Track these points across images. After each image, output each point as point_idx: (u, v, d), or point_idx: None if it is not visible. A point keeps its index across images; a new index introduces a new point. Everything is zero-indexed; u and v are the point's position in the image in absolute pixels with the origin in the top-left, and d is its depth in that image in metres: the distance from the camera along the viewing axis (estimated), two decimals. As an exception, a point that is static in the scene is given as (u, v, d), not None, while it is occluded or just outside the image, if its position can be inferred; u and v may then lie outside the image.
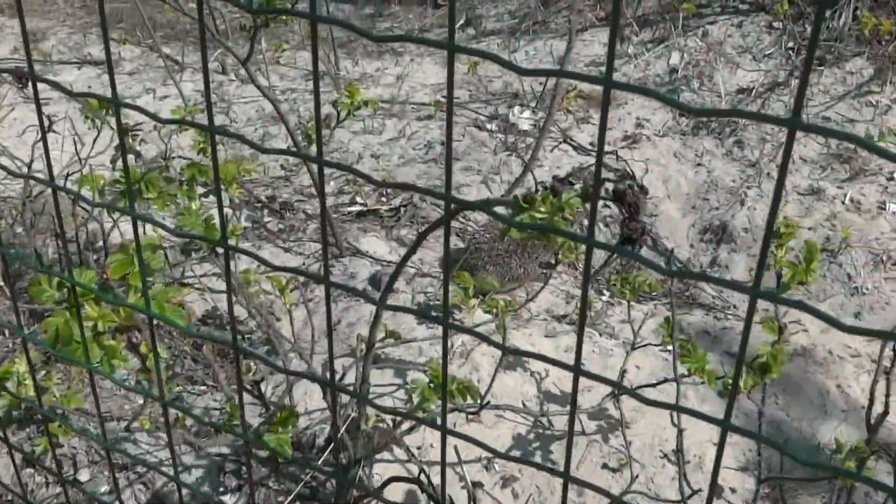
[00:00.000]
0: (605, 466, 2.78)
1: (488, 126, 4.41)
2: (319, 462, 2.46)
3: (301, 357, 2.48)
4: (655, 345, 2.92)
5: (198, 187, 3.40)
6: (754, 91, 4.10)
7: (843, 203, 3.64)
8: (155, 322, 1.35)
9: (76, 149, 3.61)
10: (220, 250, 2.45)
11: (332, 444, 2.31)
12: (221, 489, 2.61)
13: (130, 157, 3.06)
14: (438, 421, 1.01)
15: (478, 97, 4.63)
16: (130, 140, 2.59)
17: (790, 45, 4.17)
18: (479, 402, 2.66)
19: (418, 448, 2.76)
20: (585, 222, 3.81)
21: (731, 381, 1.94)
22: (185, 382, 3.00)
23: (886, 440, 2.86)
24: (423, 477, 2.15)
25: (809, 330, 3.36)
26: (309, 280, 3.67)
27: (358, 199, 4.20)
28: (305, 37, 5.42)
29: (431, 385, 2.46)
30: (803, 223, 3.63)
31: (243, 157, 4.55)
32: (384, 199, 4.20)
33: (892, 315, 3.33)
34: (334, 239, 3.75)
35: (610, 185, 3.08)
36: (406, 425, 2.67)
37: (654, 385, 2.76)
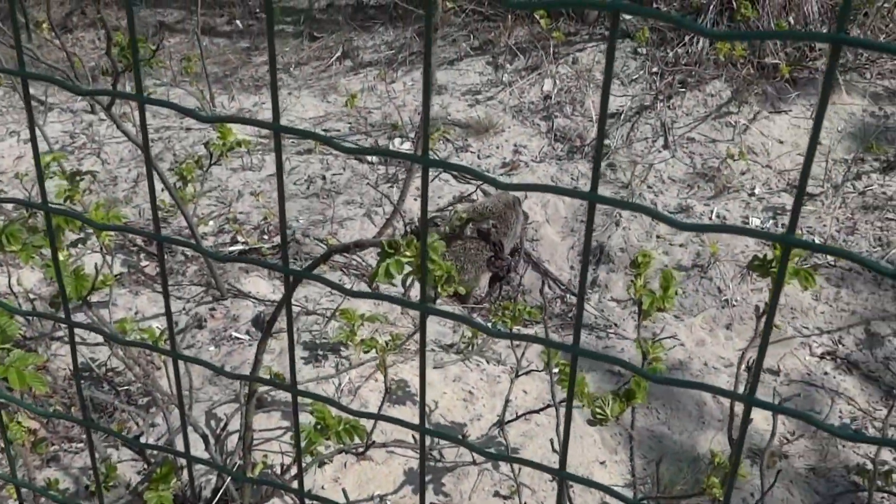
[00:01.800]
0: (496, 494, 2.81)
1: (369, 158, 4.43)
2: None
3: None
4: (539, 370, 2.97)
5: (69, 234, 3.29)
6: (623, 115, 4.24)
7: (710, 219, 3.80)
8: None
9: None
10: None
11: (216, 498, 2.26)
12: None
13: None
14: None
15: (357, 129, 4.64)
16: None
17: (654, 69, 4.33)
18: (365, 440, 2.66)
19: (309, 490, 2.73)
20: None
21: (599, 410, 2.00)
22: (62, 441, 2.89)
23: (759, 445, 2.99)
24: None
25: (686, 344, 3.49)
26: (189, 325, 3.59)
27: (239, 238, 4.14)
28: (178, 73, 5.32)
29: (318, 427, 2.45)
30: (675, 240, 3.77)
31: (116, 199, 4.43)
32: (266, 237, 4.16)
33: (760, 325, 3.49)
34: (214, 281, 3.68)
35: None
36: (294, 470, 2.64)
37: (537, 411, 2.81)
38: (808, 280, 2.03)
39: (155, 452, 2.69)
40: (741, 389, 2.07)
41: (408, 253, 1.99)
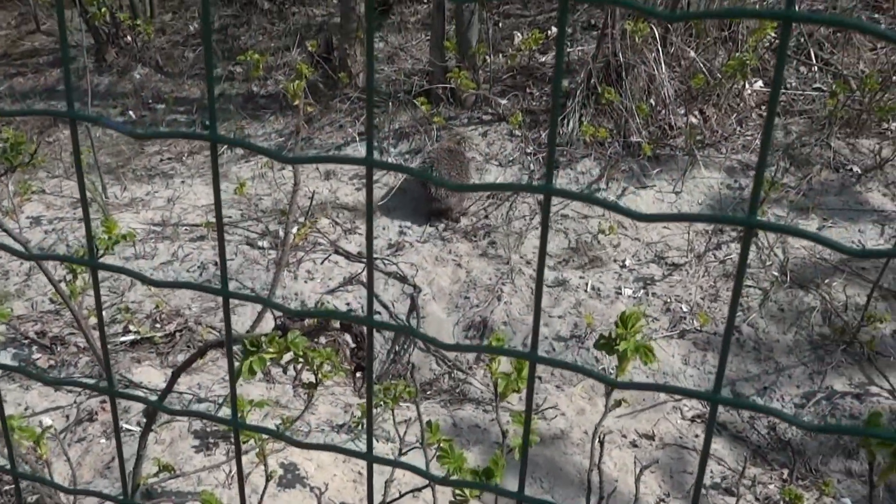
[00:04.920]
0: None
1: (260, 243, 4.53)
2: None
3: (61, 509, 2.46)
4: (418, 447, 3.08)
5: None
6: (502, 194, 4.46)
7: (585, 291, 4.01)
8: None
9: None
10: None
11: None
12: None
13: None
14: None
15: (249, 215, 4.75)
16: None
17: (528, 150, 4.59)
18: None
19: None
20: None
21: (459, 493, 2.13)
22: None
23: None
24: None
25: (566, 413, 3.66)
26: (79, 418, 3.60)
27: (131, 327, 4.17)
28: (72, 164, 5.36)
29: (205, 517, 2.51)
30: (553, 312, 3.97)
31: (7, 293, 4.42)
32: (158, 325, 4.20)
33: (634, 391, 3.69)
34: (105, 372, 3.71)
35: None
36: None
37: (418, 490, 2.92)
38: (647, 356, 2.21)
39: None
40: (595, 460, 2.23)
41: (271, 349, 2.11)
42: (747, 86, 4.58)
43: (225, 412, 3.52)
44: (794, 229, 0.63)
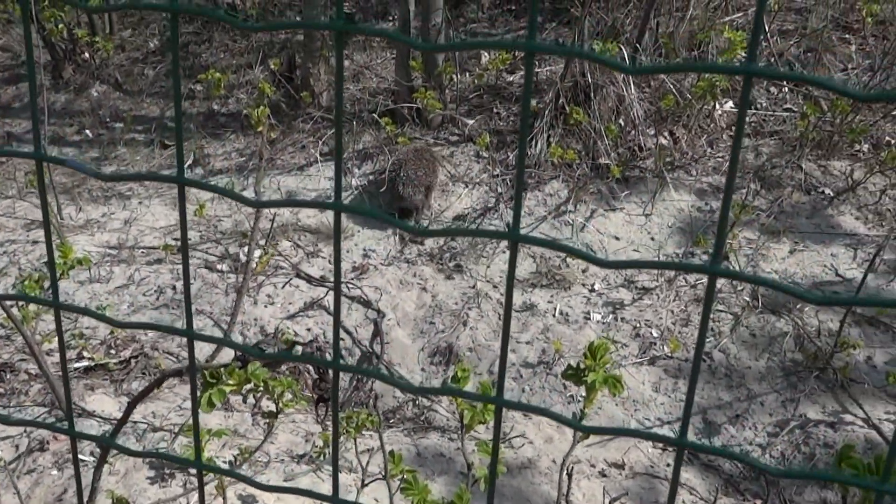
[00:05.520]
0: None
1: (219, 266, 4.40)
2: None
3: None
4: (382, 478, 2.96)
5: None
6: (468, 216, 4.37)
7: (553, 316, 3.92)
8: None
9: None
10: None
11: None
12: None
13: None
14: None
15: (208, 237, 4.61)
16: None
17: (496, 172, 4.51)
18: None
19: None
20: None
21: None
22: None
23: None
24: None
25: (534, 442, 3.55)
26: (29, 448, 3.44)
27: (85, 353, 4.01)
28: (26, 185, 5.20)
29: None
30: (521, 338, 3.87)
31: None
32: (113, 351, 4.05)
33: (604, 420, 3.60)
34: (58, 400, 3.55)
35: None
36: None
37: (380, 524, 2.80)
38: (616, 387, 2.13)
39: None
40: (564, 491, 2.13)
41: (231, 381, 1.99)
42: (717, 107, 4.54)
43: (182, 442, 3.39)
44: (756, 278, 0.62)
